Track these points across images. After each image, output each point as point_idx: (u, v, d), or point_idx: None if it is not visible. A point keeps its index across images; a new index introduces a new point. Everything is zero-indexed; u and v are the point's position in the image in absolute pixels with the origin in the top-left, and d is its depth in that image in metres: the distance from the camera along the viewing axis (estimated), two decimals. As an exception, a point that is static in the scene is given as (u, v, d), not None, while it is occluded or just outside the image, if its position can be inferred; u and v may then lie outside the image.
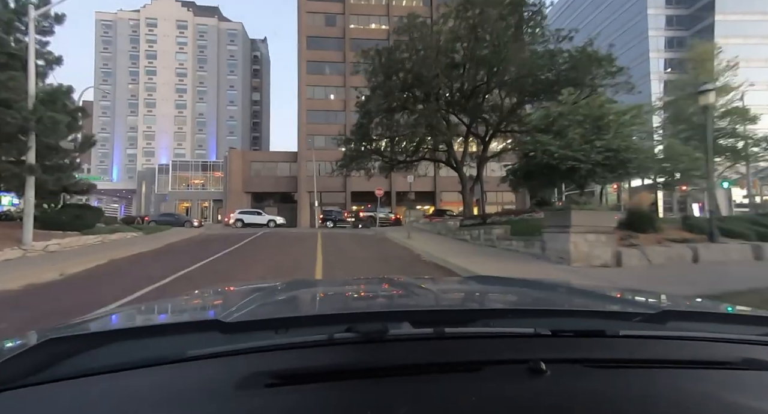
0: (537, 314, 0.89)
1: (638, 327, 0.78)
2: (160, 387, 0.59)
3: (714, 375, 0.65)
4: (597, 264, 7.89)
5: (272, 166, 43.78)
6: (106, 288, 6.51)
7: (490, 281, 1.63)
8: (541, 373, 0.58)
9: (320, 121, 42.51)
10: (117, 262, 9.84)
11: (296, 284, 1.52)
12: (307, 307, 1.22)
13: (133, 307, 1.55)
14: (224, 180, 42.61)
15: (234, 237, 17.04)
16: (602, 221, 7.86)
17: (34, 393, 0.57)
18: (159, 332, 0.79)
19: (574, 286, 1.48)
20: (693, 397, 0.59)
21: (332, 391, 0.57)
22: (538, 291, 1.35)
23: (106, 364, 0.62)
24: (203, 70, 60.57)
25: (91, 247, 11.72)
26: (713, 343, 0.74)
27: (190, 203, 43.54)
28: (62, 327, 0.88)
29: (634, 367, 0.65)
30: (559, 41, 17.92)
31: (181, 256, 10.72)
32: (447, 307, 1.11)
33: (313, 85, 44.57)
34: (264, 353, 0.65)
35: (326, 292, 1.47)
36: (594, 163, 8.26)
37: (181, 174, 43.65)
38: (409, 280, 1.70)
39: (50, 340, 0.66)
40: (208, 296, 1.42)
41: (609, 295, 1.22)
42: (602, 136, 8.37)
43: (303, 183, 42.03)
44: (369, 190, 46.38)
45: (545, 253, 8.91)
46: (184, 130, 58.44)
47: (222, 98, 61.09)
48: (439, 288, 1.46)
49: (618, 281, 6.29)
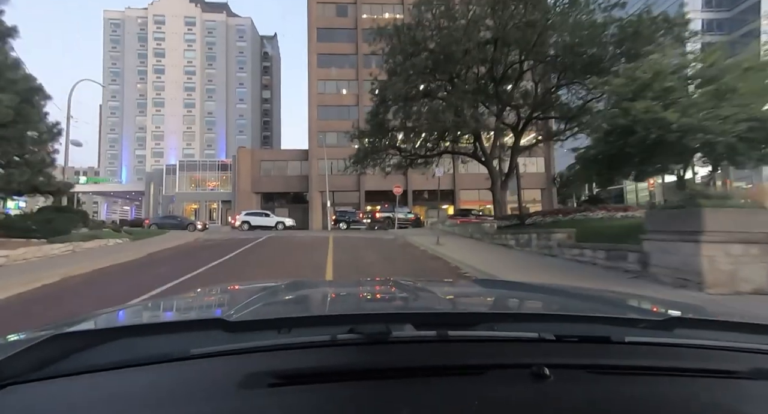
0: (541, 319, 0.90)
1: (644, 334, 0.76)
2: (164, 384, 0.59)
3: (721, 384, 0.63)
4: (746, 290, 5.23)
5: (282, 165, 41.75)
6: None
7: (495, 285, 1.64)
8: (545, 379, 0.58)
9: (332, 117, 40.14)
10: (69, 281, 7.58)
11: (300, 284, 1.49)
12: (310, 307, 1.22)
13: (139, 305, 1.45)
14: (233, 180, 40.74)
15: (232, 243, 14.76)
16: (757, 225, 5.19)
17: (40, 388, 0.58)
18: (163, 330, 0.77)
19: (579, 291, 1.37)
20: (699, 406, 0.58)
21: (335, 391, 0.57)
22: (543, 295, 1.34)
23: (111, 360, 0.62)
24: (212, 68, 58.95)
25: (51, 260, 9.53)
26: (721, 351, 0.72)
27: (198, 204, 41.81)
28: (68, 323, 0.86)
29: (639, 374, 0.63)
30: (608, 10, 15.15)
31: (153, 271, 8.45)
32: (451, 309, 1.11)
33: (324, 79, 42.37)
34: (267, 353, 0.66)
35: (330, 292, 1.45)
36: (736, 137, 5.61)
37: (189, 174, 41.92)
38: (414, 282, 1.56)
39: (56, 335, 0.67)
40: (212, 295, 1.43)
41: (615, 301, 1.20)
42: (737, 101, 5.74)
43: (314, 182, 39.83)
44: (384, 189, 43.99)
45: (648, 271, 6.27)
46: (193, 129, 56.93)
47: (231, 96, 59.40)
48: (443, 291, 1.43)
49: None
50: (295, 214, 41.51)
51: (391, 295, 1.41)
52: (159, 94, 56.94)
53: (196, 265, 9.25)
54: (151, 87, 57.01)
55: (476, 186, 43.71)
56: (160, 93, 56.92)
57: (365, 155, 20.45)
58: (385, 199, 43.73)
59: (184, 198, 41.36)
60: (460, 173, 41.44)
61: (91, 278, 7.95)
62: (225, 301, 1.31)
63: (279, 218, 29.13)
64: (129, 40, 57.97)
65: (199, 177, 42.14)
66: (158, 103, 56.90)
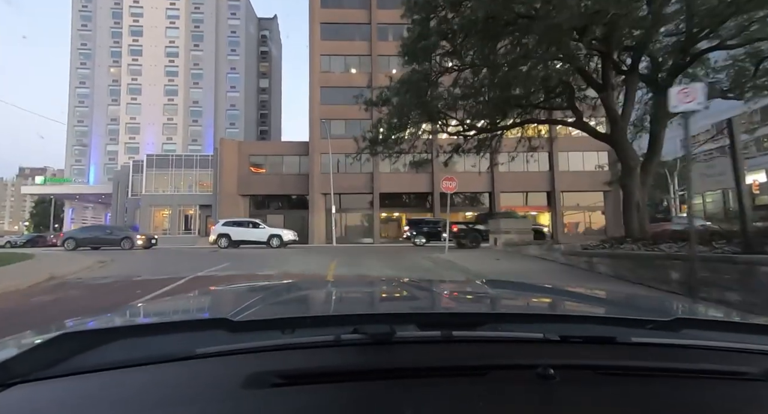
0: (546, 319, 0.89)
1: (650, 334, 0.76)
2: (169, 383, 0.60)
3: (730, 386, 0.63)
4: None
5: (277, 161, 33.40)
6: None
7: (500, 285, 1.61)
8: (550, 379, 0.58)
9: (338, 100, 31.47)
10: None
11: (304, 284, 1.56)
12: (314, 307, 1.21)
13: (143, 305, 1.42)
14: (214, 179, 32.29)
15: (124, 292, 6.32)
16: None
17: (47, 386, 0.59)
18: (168, 329, 0.78)
19: (585, 292, 1.37)
20: (707, 408, 0.58)
21: (338, 392, 0.58)
22: (548, 296, 1.34)
23: (117, 359, 0.63)
24: (198, 49, 50.63)
25: None
26: (729, 353, 0.72)
27: (170, 210, 33.42)
28: (74, 322, 0.88)
29: (645, 375, 0.63)
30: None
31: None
32: (455, 310, 1.11)
33: (330, 53, 34.03)
34: (271, 353, 0.66)
35: (334, 293, 1.44)
36: None
37: (159, 173, 33.59)
38: (418, 282, 1.61)
39: (63, 335, 0.68)
40: (216, 295, 1.43)
41: (621, 302, 1.15)
42: None
43: (317, 182, 31.40)
44: (405, 191, 35.57)
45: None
46: (175, 121, 48.62)
47: (221, 83, 51.11)
48: (447, 291, 1.44)
49: None
50: (293, 223, 33.03)
51: (395, 295, 1.37)
52: (135, 80, 48.64)
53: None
54: (127, 71, 48.67)
55: (521, 187, 35.06)
56: (136, 78, 48.63)
57: (391, 128, 12.00)
58: (403, 204, 35.33)
59: (152, 202, 33.02)
60: (500, 172, 32.77)
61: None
62: (228, 301, 1.31)
63: (273, 230, 20.48)
64: (102, 16, 49.86)
65: (173, 176, 33.76)
66: (134, 90, 48.58)
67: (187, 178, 33.86)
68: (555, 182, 32.77)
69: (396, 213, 33.74)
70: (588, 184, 32.47)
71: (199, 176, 34.11)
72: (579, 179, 32.57)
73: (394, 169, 34.03)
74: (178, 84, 49.15)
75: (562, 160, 33.10)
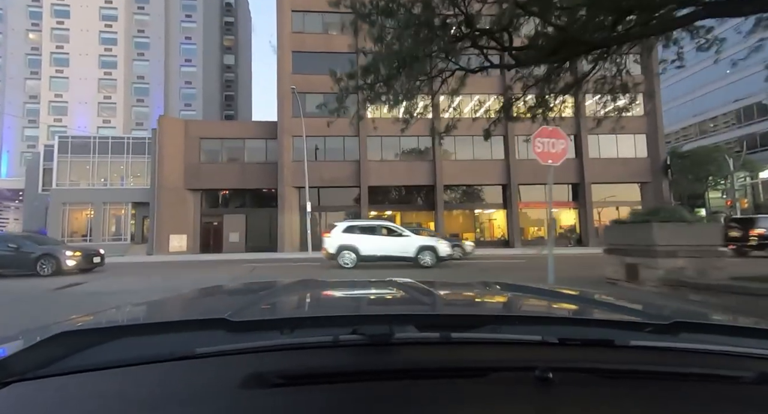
0: (545, 322, 0.90)
1: (648, 338, 0.77)
2: (168, 383, 0.60)
3: (727, 389, 0.63)
4: None
5: (236, 146, 26.06)
6: None
7: (499, 287, 1.58)
8: (548, 382, 0.59)
9: (314, 69, 24.06)
10: None
11: (304, 285, 1.51)
12: (313, 308, 1.21)
13: (143, 304, 1.37)
14: (152, 169, 24.60)
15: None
16: None
17: (45, 385, 0.59)
18: (168, 329, 0.79)
19: (584, 296, 1.37)
20: (704, 412, 0.58)
21: (336, 392, 0.58)
22: (547, 298, 1.33)
23: (116, 358, 0.64)
24: (143, 12, 41.72)
25: None
26: (727, 356, 0.72)
27: (92, 210, 25.42)
28: (73, 321, 0.88)
29: (643, 378, 0.64)
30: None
31: None
32: (454, 311, 1.11)
33: (303, 9, 26.68)
34: (270, 353, 0.67)
35: (333, 293, 1.43)
36: None
37: (75, 160, 25.50)
38: (418, 284, 1.52)
39: (62, 333, 0.68)
40: (216, 295, 1.42)
41: (620, 305, 1.20)
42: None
43: (288, 172, 24.32)
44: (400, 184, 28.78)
45: None
46: (113, 100, 39.78)
47: (173, 55, 42.54)
48: (447, 293, 1.41)
49: None
50: (258, 226, 25.76)
51: (394, 296, 1.35)
52: (61, 48, 39.34)
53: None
54: (50, 37, 39.25)
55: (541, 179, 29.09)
56: (62, 46, 39.33)
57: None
58: (395, 199, 28.70)
59: (66, 198, 24.97)
60: (517, 159, 26.50)
61: None
62: (228, 301, 1.31)
63: (423, 239, 13.50)
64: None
65: (96, 164, 25.74)
66: (60, 61, 39.31)
67: (116, 167, 25.91)
68: (584, 172, 26.65)
69: (389, 211, 26.91)
70: (621, 174, 26.69)
71: (132, 166, 26.22)
72: (611, 168, 26.68)
73: (386, 156, 27.47)
74: (118, 54, 40.25)
75: (591, 144, 26.96)
